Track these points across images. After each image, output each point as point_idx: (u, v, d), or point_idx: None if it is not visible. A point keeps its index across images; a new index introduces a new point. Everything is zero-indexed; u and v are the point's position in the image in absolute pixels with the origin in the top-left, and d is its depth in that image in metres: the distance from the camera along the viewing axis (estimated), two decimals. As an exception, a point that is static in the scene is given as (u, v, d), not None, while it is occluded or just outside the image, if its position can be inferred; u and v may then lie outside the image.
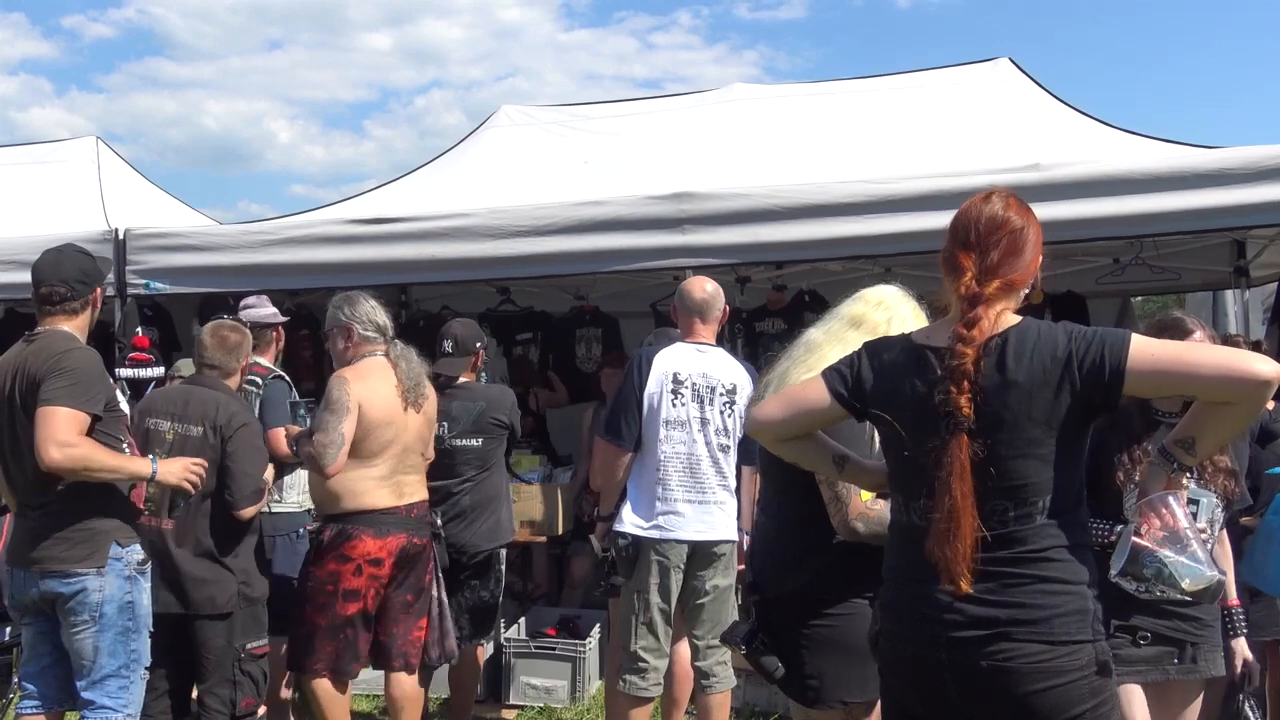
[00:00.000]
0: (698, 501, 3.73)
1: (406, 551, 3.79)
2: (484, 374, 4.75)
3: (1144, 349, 1.91)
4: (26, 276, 5.09)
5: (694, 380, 3.73)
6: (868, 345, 2.16)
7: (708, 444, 3.74)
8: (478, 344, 4.42)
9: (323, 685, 3.75)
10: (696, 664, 3.85)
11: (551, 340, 6.90)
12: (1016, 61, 6.12)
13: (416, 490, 3.89)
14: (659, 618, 3.71)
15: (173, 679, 3.61)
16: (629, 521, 3.71)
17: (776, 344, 6.09)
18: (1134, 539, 2.01)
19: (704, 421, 3.73)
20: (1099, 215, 4.21)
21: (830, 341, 2.63)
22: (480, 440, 4.30)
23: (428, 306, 7.12)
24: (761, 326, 6.13)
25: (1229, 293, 6.14)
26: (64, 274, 3.29)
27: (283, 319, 4.51)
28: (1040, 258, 2.09)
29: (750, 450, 3.78)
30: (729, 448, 3.79)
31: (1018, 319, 2.01)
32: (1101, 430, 2.86)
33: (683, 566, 3.72)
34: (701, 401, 3.74)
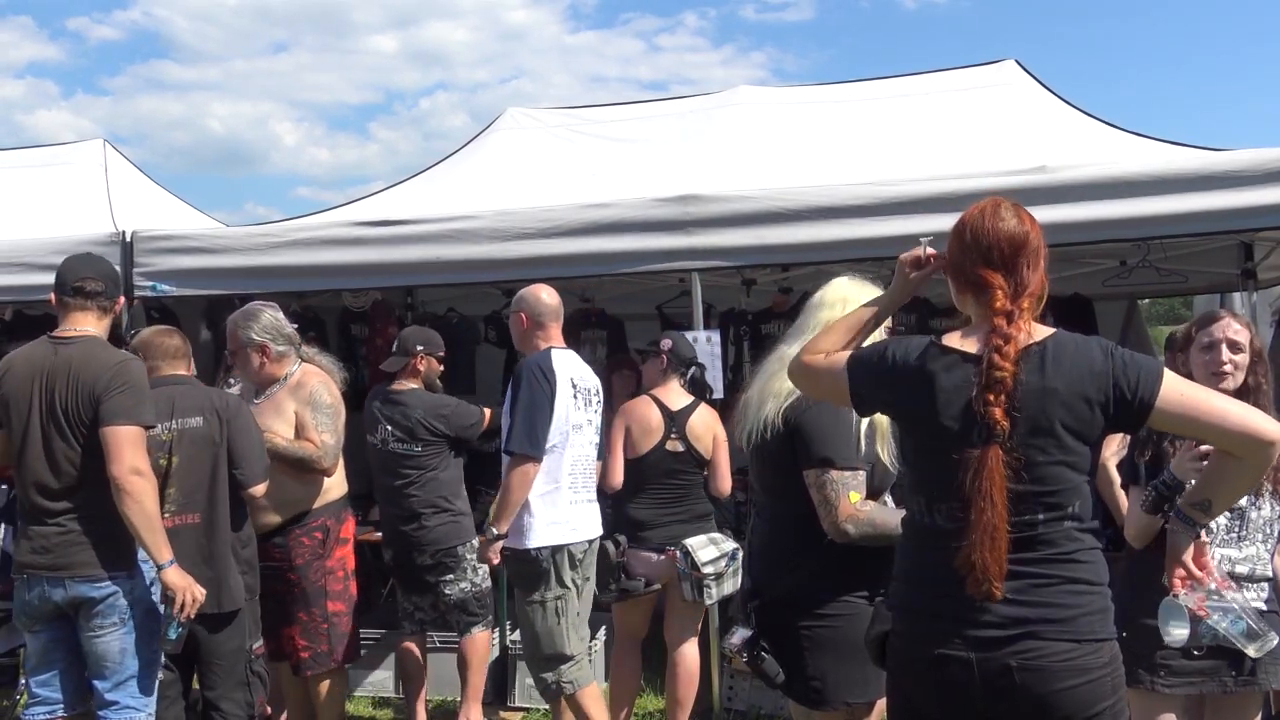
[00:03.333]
0: (589, 500, 3.88)
1: None
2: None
3: (1174, 388, 1.96)
4: (35, 278, 5.17)
5: (580, 384, 3.84)
6: (893, 345, 2.14)
7: (593, 443, 3.92)
8: (418, 347, 4.42)
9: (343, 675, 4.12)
10: None
11: (557, 342, 6.89)
12: (1022, 63, 6.12)
13: None
14: (578, 617, 3.81)
15: (183, 686, 3.61)
16: (545, 535, 3.69)
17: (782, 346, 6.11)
18: (1188, 608, 2.14)
19: (589, 423, 3.88)
20: (1105, 217, 4.21)
21: None
22: (418, 446, 4.34)
23: (434, 309, 7.13)
24: (767, 329, 6.12)
25: (1236, 295, 6.10)
26: (100, 270, 3.34)
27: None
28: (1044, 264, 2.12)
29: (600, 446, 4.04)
30: (598, 445, 3.97)
31: (1050, 330, 2.05)
32: (1151, 435, 2.88)
33: (587, 559, 3.84)
34: (587, 404, 3.88)
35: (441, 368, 4.55)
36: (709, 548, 4.06)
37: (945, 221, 2.20)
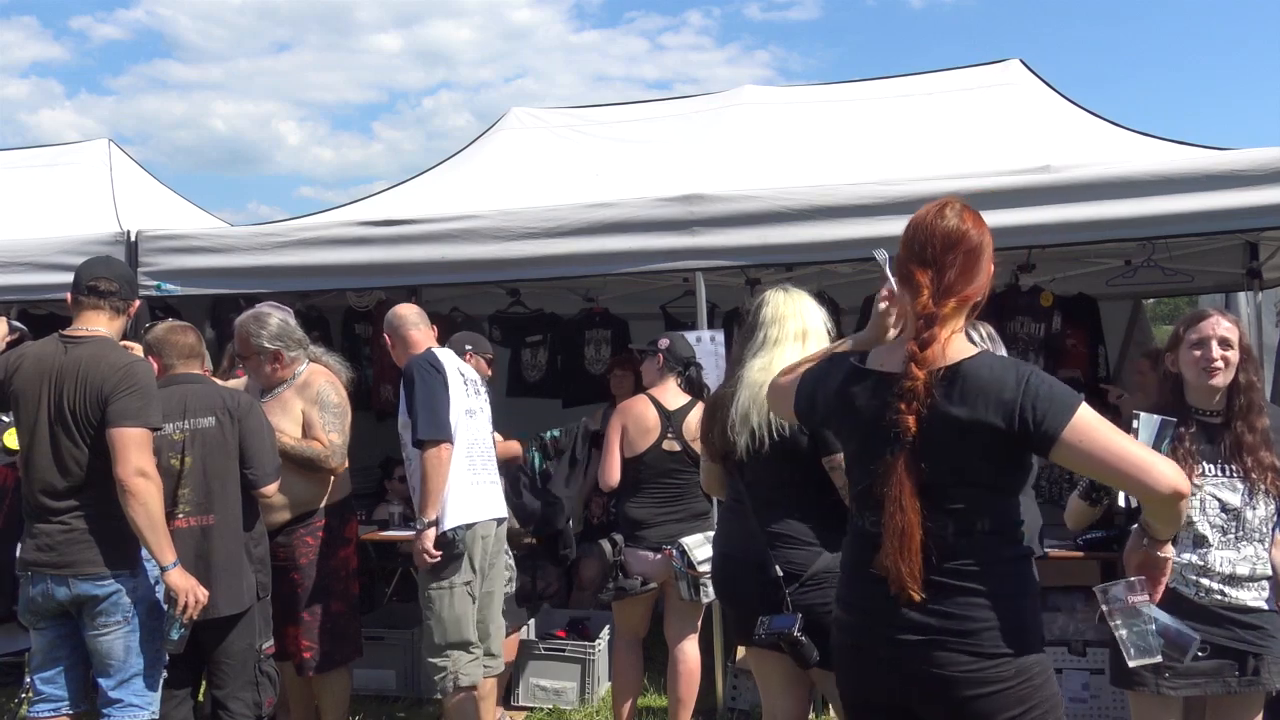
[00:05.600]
0: (492, 481, 4.06)
1: None
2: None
3: (1083, 425, 1.92)
4: (41, 278, 5.18)
5: (466, 375, 4.07)
6: (825, 369, 2.25)
7: (485, 428, 4.11)
8: (467, 347, 4.50)
9: (346, 673, 4.11)
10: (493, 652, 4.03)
11: (561, 342, 6.90)
12: (1027, 63, 6.10)
13: None
14: (488, 596, 3.97)
15: (191, 686, 3.61)
16: (454, 516, 3.81)
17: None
18: (1103, 607, 2.16)
19: (481, 410, 4.10)
20: (1110, 217, 4.20)
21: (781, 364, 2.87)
22: None
23: (438, 308, 7.12)
24: (771, 328, 6.11)
25: (1241, 295, 6.09)
26: (115, 271, 3.35)
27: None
28: (993, 268, 2.11)
29: None
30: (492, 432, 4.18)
31: (973, 350, 2.04)
32: None
33: (491, 542, 3.96)
34: (476, 393, 4.10)
35: (490, 371, 4.64)
36: (705, 546, 4.07)
37: (949, 221, 2.20)
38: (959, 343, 2.03)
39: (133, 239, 5.13)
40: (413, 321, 4.09)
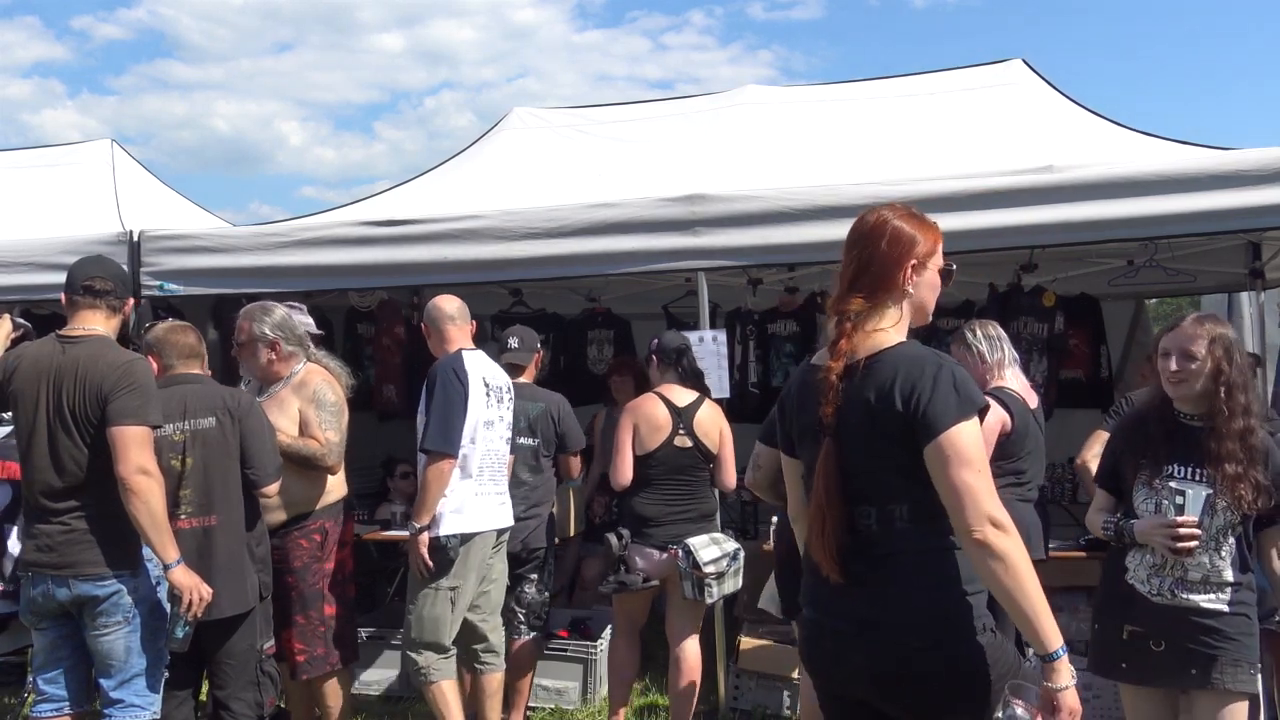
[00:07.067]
0: (498, 492, 4.05)
1: None
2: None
3: (954, 440, 1.95)
4: (43, 278, 5.19)
5: (491, 382, 4.03)
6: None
7: (504, 439, 4.09)
8: (538, 343, 4.63)
9: (346, 675, 4.11)
10: (477, 646, 4.08)
11: (563, 342, 6.90)
12: (1029, 62, 6.10)
13: None
14: (465, 606, 3.98)
15: (193, 686, 3.61)
16: (453, 523, 3.86)
17: (789, 346, 6.11)
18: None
19: (501, 419, 4.07)
20: (1112, 217, 4.20)
21: None
22: (535, 440, 4.42)
23: (440, 308, 7.12)
24: (774, 328, 6.12)
25: (1244, 295, 6.10)
26: (109, 270, 3.35)
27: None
28: (908, 260, 2.11)
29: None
30: (510, 441, 4.16)
31: (897, 341, 2.09)
32: (1129, 431, 2.92)
33: (488, 553, 3.99)
34: (499, 402, 4.06)
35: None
36: (711, 547, 4.08)
37: (951, 221, 2.22)
38: (887, 335, 2.09)
39: (135, 239, 5.14)
40: (450, 315, 4.09)
